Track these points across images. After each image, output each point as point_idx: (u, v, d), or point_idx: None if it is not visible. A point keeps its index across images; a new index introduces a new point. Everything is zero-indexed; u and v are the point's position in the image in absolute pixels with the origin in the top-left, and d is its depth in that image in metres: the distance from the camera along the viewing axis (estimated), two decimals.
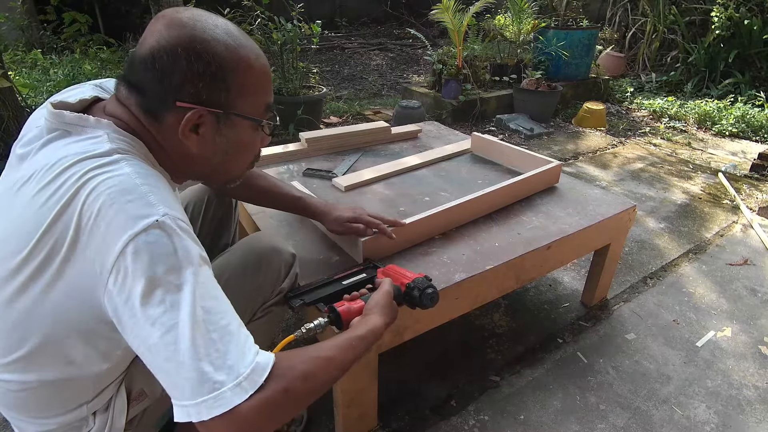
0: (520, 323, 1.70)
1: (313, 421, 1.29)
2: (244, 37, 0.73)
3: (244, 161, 0.83)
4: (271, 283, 0.99)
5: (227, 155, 0.77)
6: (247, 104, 0.74)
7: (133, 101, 0.72)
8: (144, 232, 0.60)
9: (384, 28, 8.13)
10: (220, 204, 1.22)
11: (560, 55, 4.29)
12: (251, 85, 0.73)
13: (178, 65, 0.67)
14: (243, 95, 0.73)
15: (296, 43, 3.27)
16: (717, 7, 4.90)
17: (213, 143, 0.74)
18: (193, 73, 0.68)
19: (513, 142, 3.61)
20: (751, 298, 1.88)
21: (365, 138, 2.02)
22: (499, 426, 1.30)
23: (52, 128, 0.70)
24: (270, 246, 1.01)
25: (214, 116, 0.71)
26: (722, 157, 3.47)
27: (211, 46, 0.68)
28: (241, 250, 1.01)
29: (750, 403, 1.40)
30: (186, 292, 0.60)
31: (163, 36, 0.68)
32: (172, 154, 0.75)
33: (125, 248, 0.60)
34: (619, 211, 1.54)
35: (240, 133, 0.76)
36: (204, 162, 0.77)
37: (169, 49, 0.67)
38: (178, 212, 0.66)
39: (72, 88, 0.81)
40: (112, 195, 0.62)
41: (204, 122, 0.71)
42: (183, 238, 0.63)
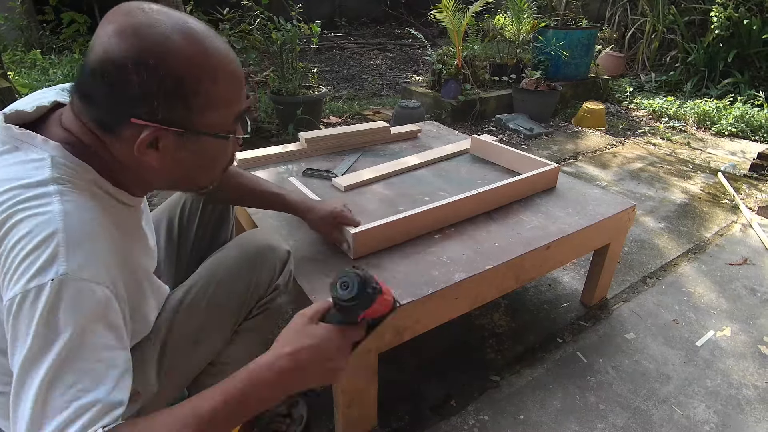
0: (520, 323, 1.70)
1: (313, 421, 1.29)
2: (210, 41, 0.65)
3: (212, 172, 0.77)
4: (267, 279, 0.99)
5: (192, 169, 0.72)
6: (213, 118, 0.67)
7: (85, 114, 0.66)
8: (34, 290, 0.56)
9: (383, 28, 8.13)
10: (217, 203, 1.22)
11: (560, 55, 4.29)
12: (217, 99, 0.66)
13: (129, 81, 0.60)
14: (207, 110, 0.66)
15: (296, 43, 3.27)
16: (716, 7, 4.90)
17: (174, 158, 0.68)
18: (146, 90, 0.61)
19: (512, 141, 3.61)
20: (751, 298, 1.88)
21: (365, 138, 2.02)
22: (499, 426, 1.30)
23: (3, 141, 0.66)
24: (265, 243, 1.01)
25: (173, 133, 0.65)
26: (721, 157, 3.47)
27: (167, 59, 0.61)
28: (236, 248, 1.00)
29: (749, 403, 1.40)
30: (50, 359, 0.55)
31: (112, 46, 0.60)
32: (130, 168, 0.70)
33: (13, 299, 0.57)
34: (618, 211, 1.54)
35: (205, 147, 0.69)
36: (166, 176, 0.72)
37: (119, 63, 0.60)
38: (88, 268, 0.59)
39: (41, 91, 0.77)
40: (27, 237, 0.58)
41: (163, 138, 0.65)
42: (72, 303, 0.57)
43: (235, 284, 0.95)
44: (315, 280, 1.15)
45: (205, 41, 0.64)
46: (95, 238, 0.62)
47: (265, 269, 0.98)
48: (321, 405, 1.32)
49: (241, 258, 0.98)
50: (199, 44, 0.64)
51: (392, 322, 1.07)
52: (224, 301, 0.95)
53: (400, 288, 1.12)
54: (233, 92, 0.69)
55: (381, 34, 7.83)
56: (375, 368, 1.14)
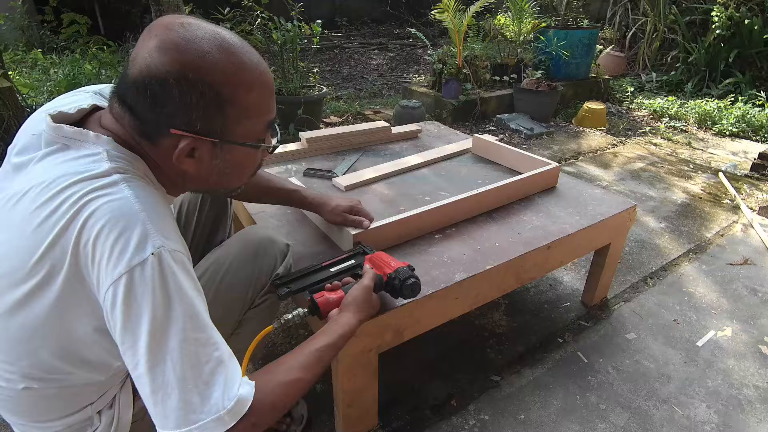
0: (521, 323, 1.69)
1: (313, 421, 1.29)
2: (246, 54, 0.69)
3: (243, 176, 0.81)
4: (268, 270, 1.02)
5: (225, 174, 0.76)
6: (246, 128, 0.71)
7: (126, 121, 0.69)
8: (139, 266, 0.60)
9: (384, 28, 8.12)
10: (215, 203, 1.24)
11: (560, 55, 4.29)
12: (250, 109, 0.70)
13: (171, 95, 0.64)
14: (241, 120, 0.70)
15: (296, 43, 3.27)
16: (717, 7, 4.90)
17: (210, 165, 0.72)
18: (186, 103, 0.65)
19: (513, 141, 3.61)
20: (752, 298, 1.87)
21: (365, 138, 2.02)
22: (500, 426, 1.30)
23: (51, 141, 0.69)
24: (265, 236, 1.05)
25: (210, 142, 0.69)
26: (722, 157, 3.46)
27: (206, 73, 0.64)
28: (238, 242, 1.04)
29: (750, 403, 1.40)
30: (175, 328, 0.61)
31: (155, 61, 0.63)
32: (168, 172, 0.74)
33: (119, 279, 0.60)
34: (619, 211, 1.54)
35: (238, 156, 0.74)
36: (201, 181, 0.76)
37: (161, 78, 0.63)
38: (174, 241, 0.65)
39: (71, 94, 0.80)
40: (110, 221, 0.61)
41: (199, 147, 0.69)
42: (176, 272, 0.63)
43: (239, 275, 0.99)
44: None
45: (241, 54, 0.68)
46: (167, 214, 0.68)
47: (267, 260, 1.02)
48: (321, 404, 1.32)
49: (243, 250, 1.01)
50: (235, 57, 0.67)
51: (392, 321, 1.08)
52: (229, 293, 0.98)
53: None
54: (265, 102, 0.73)
55: (382, 33, 7.83)
56: (375, 368, 1.14)
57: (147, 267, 0.61)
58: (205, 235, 1.24)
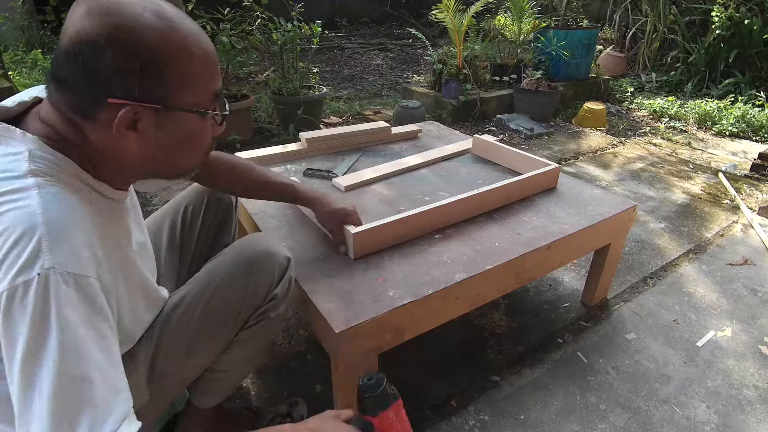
0: (520, 323, 1.69)
1: None
2: (181, 19, 0.65)
3: (194, 155, 0.75)
4: (264, 288, 0.95)
5: (173, 150, 0.71)
6: (190, 95, 0.67)
7: (62, 100, 0.65)
8: (22, 286, 0.56)
9: (384, 28, 8.12)
10: (220, 206, 1.21)
11: (560, 55, 4.29)
12: (192, 75, 0.66)
13: (103, 60, 0.60)
14: (184, 86, 0.66)
15: (296, 43, 3.27)
16: (717, 7, 4.90)
17: (155, 139, 0.67)
18: (120, 67, 0.61)
19: (513, 142, 3.61)
20: (752, 298, 1.87)
21: (365, 138, 2.02)
22: (499, 426, 1.30)
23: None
24: (263, 249, 0.98)
25: (151, 111, 0.65)
26: (722, 157, 3.47)
27: (139, 35, 0.61)
28: (233, 254, 0.97)
29: (750, 403, 1.40)
30: (47, 359, 0.56)
31: (84, 26, 0.60)
32: (111, 156, 0.69)
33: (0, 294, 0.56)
34: (619, 211, 1.54)
35: (185, 126, 0.69)
36: (147, 160, 0.70)
37: (92, 41, 0.60)
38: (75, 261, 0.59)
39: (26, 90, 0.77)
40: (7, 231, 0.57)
41: (141, 118, 0.65)
42: (61, 298, 0.57)
43: (230, 294, 0.92)
44: (316, 280, 1.15)
45: (176, 19, 0.64)
46: (78, 230, 0.62)
47: (262, 278, 0.95)
48: (321, 405, 1.32)
49: (237, 265, 0.94)
50: (171, 21, 0.64)
51: (392, 321, 1.08)
52: (218, 311, 0.92)
53: (400, 288, 1.13)
54: (208, 70, 0.69)
55: (381, 34, 7.83)
56: (375, 368, 1.13)
57: (30, 288, 0.56)
58: (210, 239, 1.22)
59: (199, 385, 1.02)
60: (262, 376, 1.44)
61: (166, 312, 0.90)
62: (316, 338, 1.18)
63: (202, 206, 1.18)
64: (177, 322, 0.89)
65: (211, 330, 0.92)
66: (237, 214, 1.30)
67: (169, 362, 0.89)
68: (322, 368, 1.46)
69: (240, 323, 0.95)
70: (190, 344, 0.90)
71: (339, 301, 1.08)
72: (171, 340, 0.89)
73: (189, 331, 0.89)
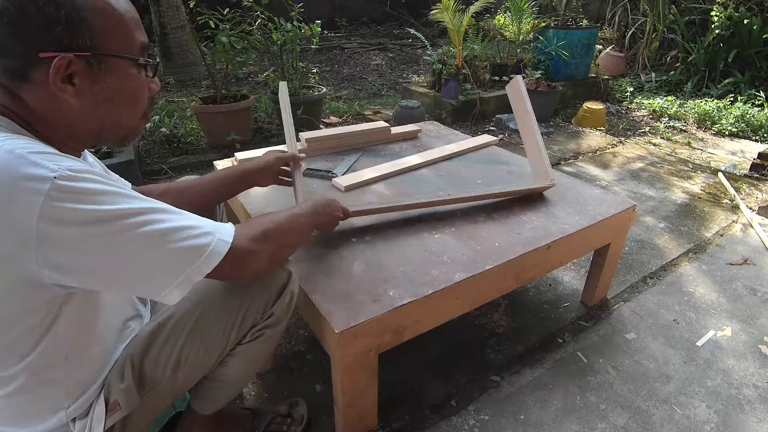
0: (520, 323, 1.70)
1: (313, 421, 1.29)
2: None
3: (133, 110, 0.77)
4: (261, 306, 0.92)
5: (113, 104, 0.72)
6: (117, 43, 0.69)
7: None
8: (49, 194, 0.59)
9: (384, 28, 8.13)
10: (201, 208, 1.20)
11: (560, 55, 4.29)
12: (116, 23, 0.69)
13: (28, 15, 0.62)
14: (110, 33, 0.68)
15: (296, 43, 3.27)
16: (717, 7, 4.90)
17: (93, 92, 0.70)
18: (46, 19, 0.63)
19: (513, 142, 3.61)
20: (751, 298, 1.88)
21: (365, 138, 2.02)
22: (499, 426, 1.30)
23: None
24: None
25: (84, 61, 0.67)
26: (722, 157, 3.47)
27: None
28: None
29: (750, 403, 1.40)
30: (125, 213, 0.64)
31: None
32: (54, 118, 0.70)
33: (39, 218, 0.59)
34: (619, 211, 1.54)
35: (120, 76, 0.71)
36: (89, 116, 0.72)
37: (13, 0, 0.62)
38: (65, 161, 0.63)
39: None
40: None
41: (76, 70, 0.67)
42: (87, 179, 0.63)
43: (223, 310, 0.89)
44: (316, 281, 1.15)
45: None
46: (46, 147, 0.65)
47: (260, 293, 0.92)
48: (321, 405, 1.32)
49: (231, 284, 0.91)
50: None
51: (392, 322, 1.08)
52: (210, 328, 0.88)
53: (400, 288, 1.13)
54: (131, 21, 0.73)
55: (381, 34, 7.83)
56: (375, 368, 1.14)
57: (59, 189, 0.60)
58: None
59: (198, 391, 1.01)
60: (262, 376, 1.44)
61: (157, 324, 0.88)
62: (316, 338, 1.18)
63: None
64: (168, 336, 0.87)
65: (202, 347, 0.89)
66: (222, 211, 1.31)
67: (158, 374, 0.87)
68: (322, 368, 1.46)
69: (234, 340, 0.92)
70: (179, 357, 0.87)
71: (339, 301, 1.08)
72: (160, 353, 0.86)
73: (179, 345, 0.87)
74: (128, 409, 0.84)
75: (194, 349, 0.88)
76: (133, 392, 0.84)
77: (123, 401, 0.83)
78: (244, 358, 0.95)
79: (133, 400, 0.85)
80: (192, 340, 0.88)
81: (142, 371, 0.86)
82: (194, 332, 0.87)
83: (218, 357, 0.93)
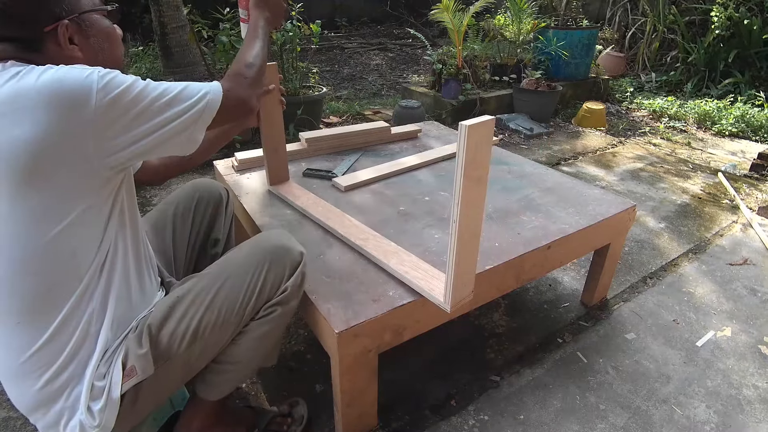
0: (520, 323, 1.70)
1: (313, 421, 1.29)
2: None
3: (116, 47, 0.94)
4: (275, 281, 0.98)
5: (104, 50, 0.90)
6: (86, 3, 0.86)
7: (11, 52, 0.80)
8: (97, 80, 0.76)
9: (384, 28, 8.12)
10: (210, 201, 1.27)
11: (560, 55, 4.29)
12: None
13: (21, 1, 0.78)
14: None
15: (296, 43, 3.27)
16: (717, 7, 4.90)
17: (89, 44, 0.87)
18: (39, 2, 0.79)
19: (513, 142, 3.61)
20: (751, 298, 1.88)
21: (365, 138, 2.02)
22: (499, 426, 1.30)
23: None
24: (277, 244, 1.01)
25: (74, 23, 0.84)
26: (722, 157, 3.47)
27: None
28: (248, 247, 1.02)
29: (750, 403, 1.40)
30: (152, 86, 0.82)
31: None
32: None
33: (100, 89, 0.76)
34: (619, 211, 1.54)
35: (100, 26, 0.89)
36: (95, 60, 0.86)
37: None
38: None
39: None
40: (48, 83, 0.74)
41: (73, 32, 0.84)
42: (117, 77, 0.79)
43: (240, 284, 0.96)
44: (316, 280, 1.15)
45: None
46: None
47: (275, 270, 0.98)
48: (321, 405, 1.32)
49: (250, 257, 0.99)
50: None
51: (392, 322, 1.08)
52: (228, 300, 0.95)
53: (400, 288, 1.13)
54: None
55: (381, 34, 7.83)
56: (375, 368, 1.14)
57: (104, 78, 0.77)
58: (201, 235, 1.28)
59: (205, 376, 1.04)
60: (262, 376, 1.44)
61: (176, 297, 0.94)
62: (316, 338, 1.18)
63: (193, 203, 1.25)
64: (187, 308, 0.93)
65: (221, 319, 0.94)
66: (229, 209, 1.34)
67: (174, 346, 0.91)
68: (322, 368, 1.46)
69: (249, 315, 0.98)
70: (197, 329, 0.92)
71: (339, 301, 1.08)
72: (178, 325, 0.92)
73: (198, 317, 0.92)
74: (144, 375, 0.89)
75: (211, 322, 0.93)
76: (149, 358, 0.89)
77: (140, 366, 0.89)
78: (255, 335, 1.00)
79: (149, 366, 0.89)
80: (209, 313, 0.93)
81: (159, 342, 0.91)
82: (212, 305, 0.94)
83: (233, 331, 0.98)
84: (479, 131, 0.85)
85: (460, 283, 1.01)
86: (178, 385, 1.01)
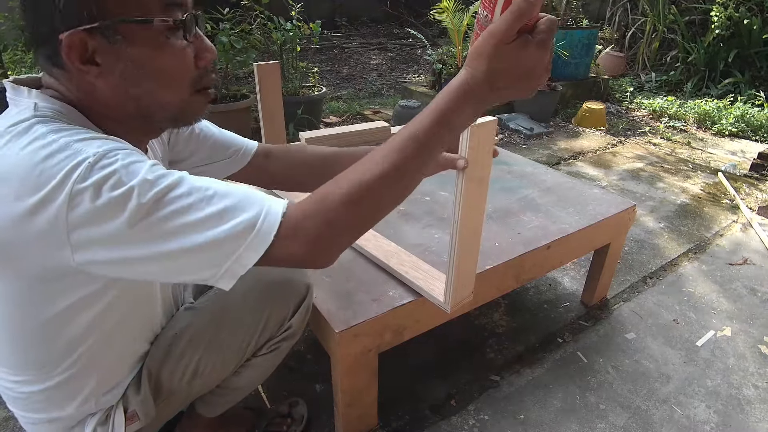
0: (520, 323, 1.69)
1: (313, 421, 1.29)
2: None
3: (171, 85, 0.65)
4: (279, 319, 0.93)
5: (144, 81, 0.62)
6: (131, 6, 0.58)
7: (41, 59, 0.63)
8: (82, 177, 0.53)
9: (384, 28, 8.12)
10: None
11: (560, 55, 4.29)
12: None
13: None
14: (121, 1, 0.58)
15: (296, 42, 3.27)
16: (717, 7, 4.90)
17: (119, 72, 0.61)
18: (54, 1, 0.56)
19: (513, 141, 3.61)
20: (751, 298, 1.88)
21: (365, 138, 2.01)
22: (499, 425, 1.30)
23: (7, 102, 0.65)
24: (282, 278, 0.94)
25: (99, 34, 0.58)
26: (722, 157, 3.47)
27: None
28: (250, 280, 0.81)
29: (750, 403, 1.40)
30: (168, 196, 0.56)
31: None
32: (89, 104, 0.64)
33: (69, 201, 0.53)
34: (618, 211, 1.54)
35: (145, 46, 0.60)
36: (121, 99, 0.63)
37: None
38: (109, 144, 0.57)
39: None
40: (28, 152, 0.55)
41: (96, 47, 0.58)
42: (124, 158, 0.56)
43: (241, 324, 0.90)
44: (316, 280, 1.15)
45: None
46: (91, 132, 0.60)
47: (278, 307, 0.92)
48: (321, 405, 1.32)
49: (253, 293, 0.91)
50: None
51: (392, 321, 1.08)
52: (228, 341, 0.89)
53: (400, 288, 1.13)
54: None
55: (381, 33, 7.83)
56: (375, 368, 1.14)
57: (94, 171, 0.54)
58: None
59: (205, 397, 1.01)
60: None
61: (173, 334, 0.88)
62: (316, 338, 1.18)
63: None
64: (183, 348, 0.87)
65: (220, 358, 0.90)
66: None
67: (174, 383, 0.87)
68: (322, 368, 1.46)
69: (250, 353, 0.93)
70: (197, 368, 0.88)
71: (339, 301, 1.08)
72: (177, 363, 0.87)
73: (195, 358, 0.88)
74: (146, 420, 0.85)
75: (211, 362, 0.89)
76: (149, 403, 0.84)
77: (141, 412, 0.84)
78: (257, 368, 0.96)
79: (150, 410, 0.85)
80: (209, 353, 0.88)
81: (159, 381, 0.86)
82: (212, 345, 0.88)
83: (234, 368, 0.93)
84: (482, 132, 0.84)
85: (460, 284, 1.00)
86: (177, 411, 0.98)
